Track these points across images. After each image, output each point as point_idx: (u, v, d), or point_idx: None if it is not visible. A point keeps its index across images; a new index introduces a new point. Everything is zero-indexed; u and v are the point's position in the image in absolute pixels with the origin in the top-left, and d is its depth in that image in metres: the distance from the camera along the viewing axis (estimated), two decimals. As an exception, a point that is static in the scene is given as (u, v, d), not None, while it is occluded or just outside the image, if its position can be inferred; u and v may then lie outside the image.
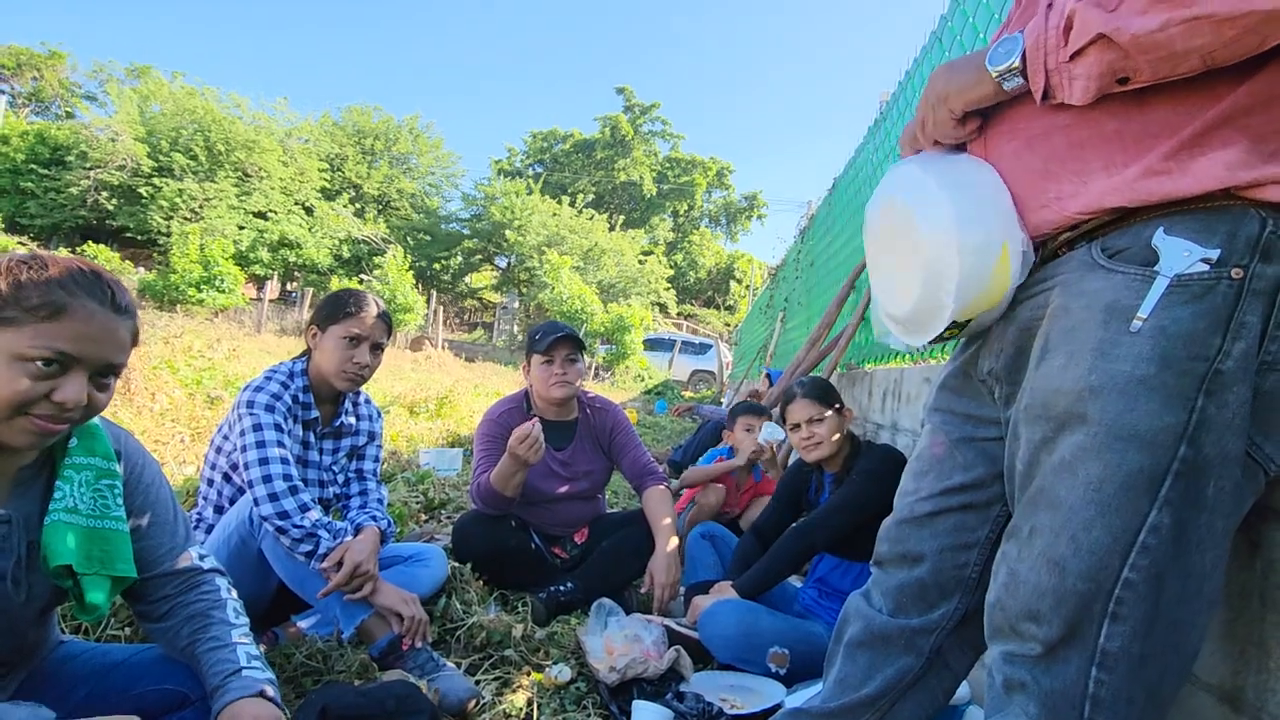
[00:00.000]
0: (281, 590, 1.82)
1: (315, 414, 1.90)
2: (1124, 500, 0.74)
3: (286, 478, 1.68)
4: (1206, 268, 0.73)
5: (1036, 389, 0.82)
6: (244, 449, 1.72)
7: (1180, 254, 0.74)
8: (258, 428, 1.73)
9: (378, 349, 1.91)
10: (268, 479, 1.66)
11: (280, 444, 1.74)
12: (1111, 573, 0.74)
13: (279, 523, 1.64)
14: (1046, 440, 0.80)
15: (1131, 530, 0.74)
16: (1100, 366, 0.76)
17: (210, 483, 1.93)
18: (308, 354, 1.93)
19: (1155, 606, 0.74)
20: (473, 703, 1.54)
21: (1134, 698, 0.75)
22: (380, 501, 2.04)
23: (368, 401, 2.11)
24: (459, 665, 1.74)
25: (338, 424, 1.97)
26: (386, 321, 1.94)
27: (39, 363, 0.90)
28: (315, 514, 1.68)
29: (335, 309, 1.87)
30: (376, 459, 2.10)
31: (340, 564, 1.66)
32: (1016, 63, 0.82)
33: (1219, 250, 0.73)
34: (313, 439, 1.92)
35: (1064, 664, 0.77)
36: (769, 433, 2.80)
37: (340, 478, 2.02)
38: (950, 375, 1.07)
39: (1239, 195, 0.75)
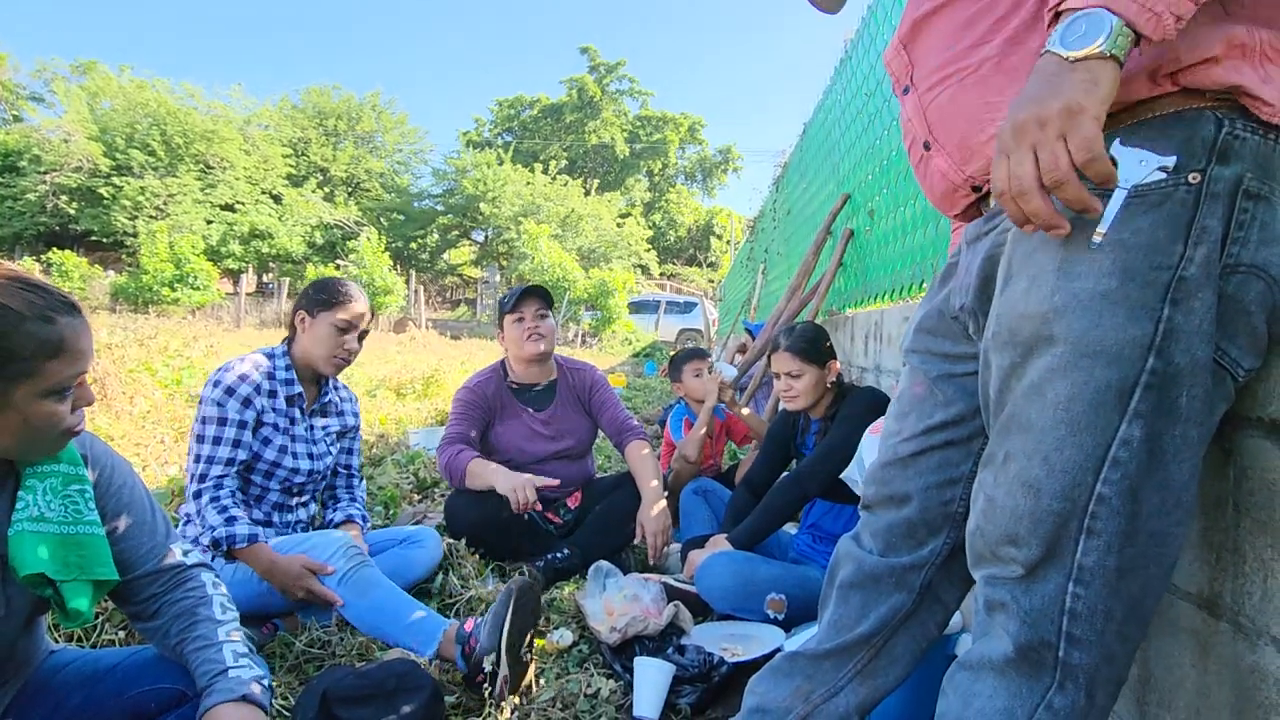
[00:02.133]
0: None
1: (299, 389, 1.94)
2: (1094, 417, 0.73)
3: (217, 478, 1.76)
4: (1163, 175, 0.72)
5: (1002, 315, 0.81)
6: (197, 436, 1.79)
7: (1136, 163, 0.73)
8: (205, 420, 1.79)
9: (363, 336, 2.00)
10: (203, 476, 1.75)
11: (234, 441, 1.79)
12: (1085, 489, 0.74)
13: (190, 511, 1.77)
14: (1015, 366, 0.79)
15: (1102, 445, 0.73)
16: (1063, 286, 0.74)
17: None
18: (290, 339, 1.98)
19: (1132, 520, 0.74)
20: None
21: (1113, 611, 0.75)
22: (360, 498, 2.16)
23: (344, 387, 2.17)
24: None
25: (325, 400, 2.04)
26: (371, 311, 2.07)
27: (65, 393, 0.96)
28: (220, 519, 1.70)
29: (328, 296, 1.94)
30: (358, 452, 2.21)
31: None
32: (1123, 26, 0.66)
33: (1175, 156, 0.72)
34: (299, 415, 1.96)
35: (1043, 583, 0.77)
36: (722, 371, 2.83)
37: (330, 453, 2.05)
38: (926, 316, 1.06)
39: (1193, 89, 0.73)
